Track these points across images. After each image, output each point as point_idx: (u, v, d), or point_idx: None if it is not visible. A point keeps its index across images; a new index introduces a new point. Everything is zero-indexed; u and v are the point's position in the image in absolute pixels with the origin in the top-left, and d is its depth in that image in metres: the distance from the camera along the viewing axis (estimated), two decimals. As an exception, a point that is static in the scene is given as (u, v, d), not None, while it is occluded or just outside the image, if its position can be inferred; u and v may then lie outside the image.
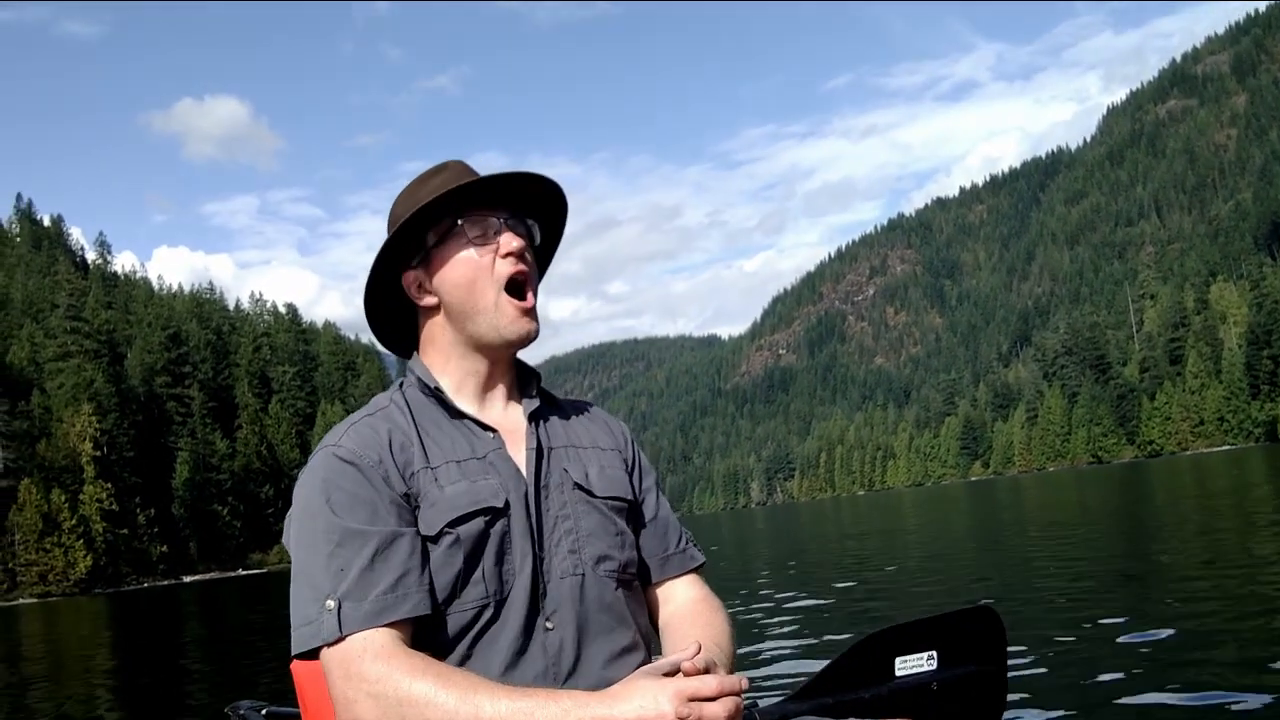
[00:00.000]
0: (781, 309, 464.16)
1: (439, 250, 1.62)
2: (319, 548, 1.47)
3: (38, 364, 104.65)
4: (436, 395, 1.63)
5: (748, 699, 1.43)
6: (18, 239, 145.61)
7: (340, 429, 1.58)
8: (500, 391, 1.69)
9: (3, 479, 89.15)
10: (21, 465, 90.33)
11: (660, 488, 1.82)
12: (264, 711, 2.08)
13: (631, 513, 1.70)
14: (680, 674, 1.37)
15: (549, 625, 1.53)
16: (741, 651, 7.07)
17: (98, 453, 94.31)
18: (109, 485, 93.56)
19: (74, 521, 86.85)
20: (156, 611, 28.37)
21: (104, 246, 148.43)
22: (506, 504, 1.55)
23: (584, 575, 1.58)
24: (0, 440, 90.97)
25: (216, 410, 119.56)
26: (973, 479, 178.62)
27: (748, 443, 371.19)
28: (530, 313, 1.62)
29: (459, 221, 1.60)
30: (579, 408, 1.81)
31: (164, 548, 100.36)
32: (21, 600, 79.63)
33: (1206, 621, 6.08)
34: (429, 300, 1.64)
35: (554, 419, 1.71)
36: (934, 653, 1.54)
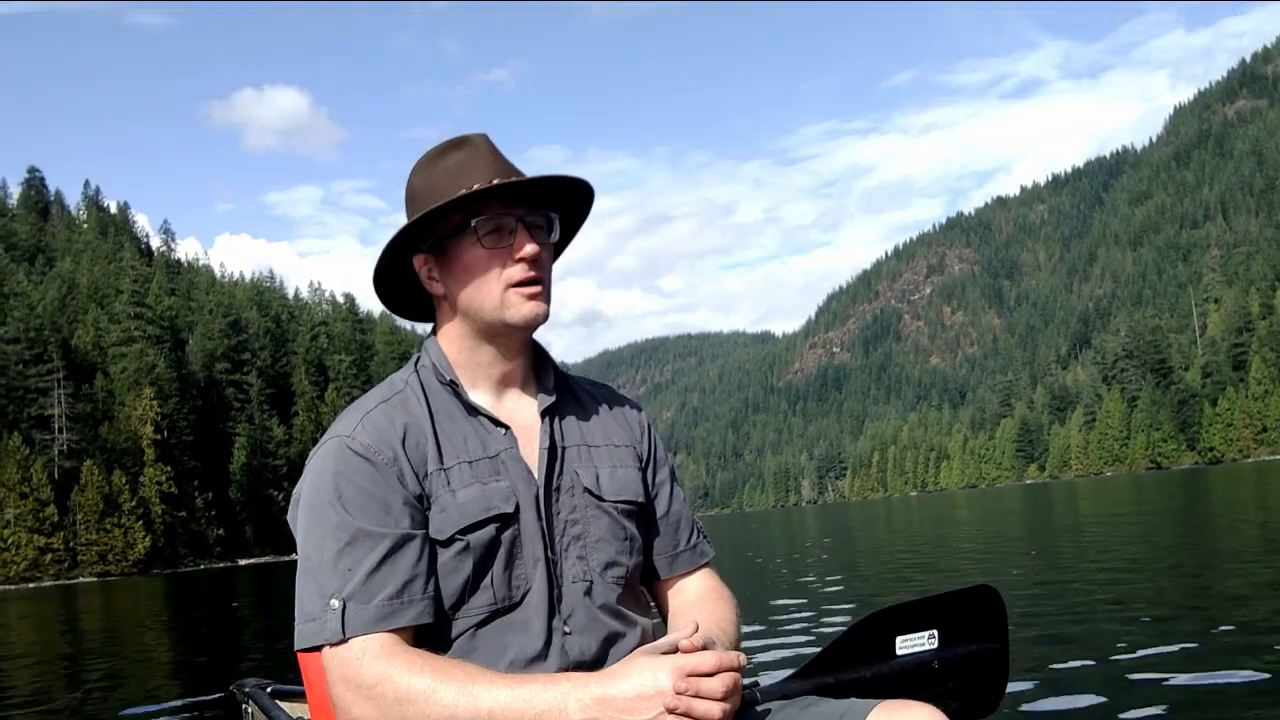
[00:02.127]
0: (837, 306, 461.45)
1: (451, 242, 1.57)
2: (328, 544, 1.46)
3: (102, 348, 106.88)
4: (452, 387, 1.61)
5: (750, 679, 1.44)
6: (85, 225, 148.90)
7: (354, 416, 1.55)
8: (515, 382, 1.65)
9: (66, 460, 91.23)
10: (84, 447, 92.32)
11: (675, 479, 1.79)
12: (269, 690, 2.08)
13: (641, 512, 1.69)
14: (679, 652, 1.38)
15: (567, 630, 1.53)
16: (758, 636, 7.05)
17: (158, 436, 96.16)
18: (168, 468, 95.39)
19: (134, 503, 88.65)
20: (209, 591, 28.86)
21: (168, 234, 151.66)
22: (517, 508, 1.53)
23: (592, 581, 1.57)
24: (64, 422, 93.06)
25: (274, 397, 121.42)
26: (1028, 482, 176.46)
27: (800, 440, 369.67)
28: (539, 295, 1.57)
29: (472, 222, 1.54)
30: (595, 397, 1.76)
31: (220, 531, 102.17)
32: (82, 578, 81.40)
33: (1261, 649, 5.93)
34: (438, 289, 1.61)
35: (569, 414, 1.68)
36: (935, 631, 1.55)
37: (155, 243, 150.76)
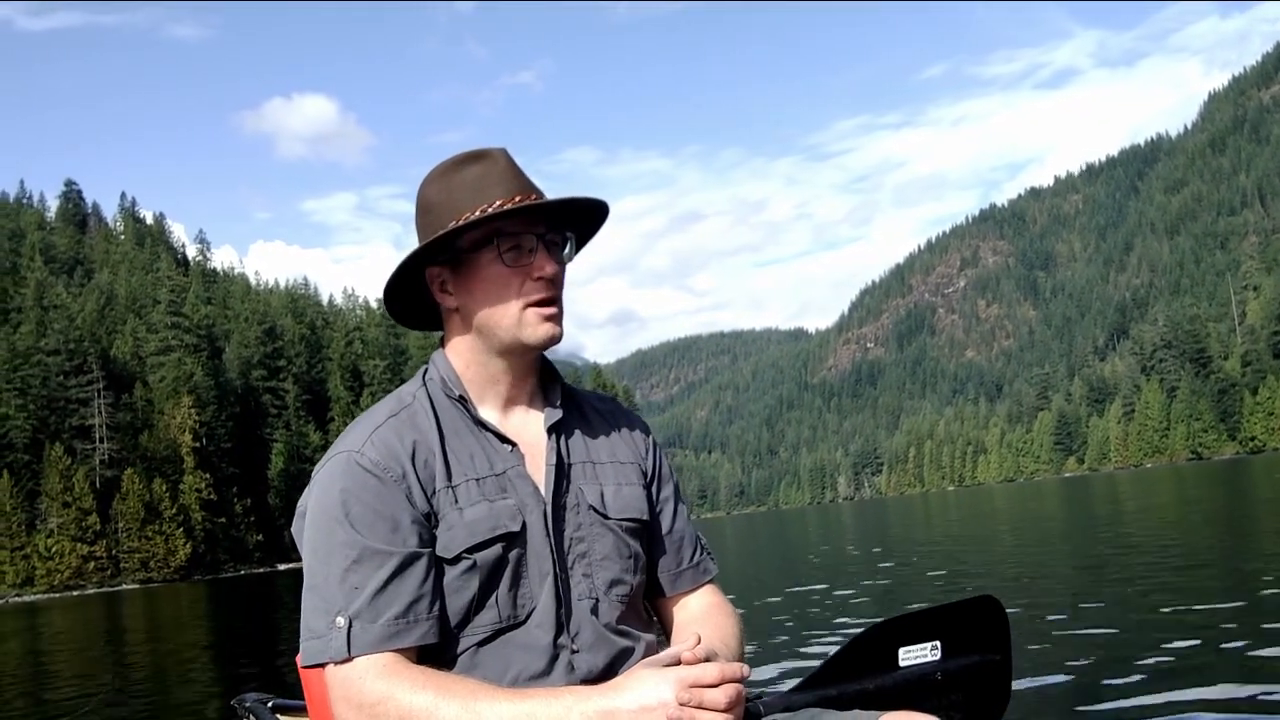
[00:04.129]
0: (870, 302, 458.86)
1: (470, 257, 1.57)
2: (334, 561, 1.45)
3: (140, 358, 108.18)
4: (460, 402, 1.60)
5: (754, 690, 1.43)
6: (122, 237, 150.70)
7: (363, 430, 1.55)
8: (523, 398, 1.66)
9: (107, 469, 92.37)
10: (125, 456, 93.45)
11: (679, 496, 1.79)
12: (270, 704, 2.08)
13: (645, 529, 1.69)
14: (681, 664, 1.38)
15: (575, 648, 1.53)
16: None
17: (197, 444, 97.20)
18: (208, 475, 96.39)
19: (174, 510, 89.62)
20: (249, 597, 29.12)
21: (203, 243, 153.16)
22: (524, 526, 1.53)
23: (598, 599, 1.57)
24: (105, 432, 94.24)
25: (310, 403, 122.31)
26: (1066, 475, 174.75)
27: (835, 437, 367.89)
28: (554, 318, 1.58)
29: (495, 239, 1.54)
30: (602, 412, 1.76)
31: (260, 536, 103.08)
32: (125, 586, 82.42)
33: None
34: (451, 302, 1.61)
35: (575, 430, 1.68)
36: (937, 643, 1.54)
37: (191, 252, 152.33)
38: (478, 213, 1.53)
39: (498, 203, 1.53)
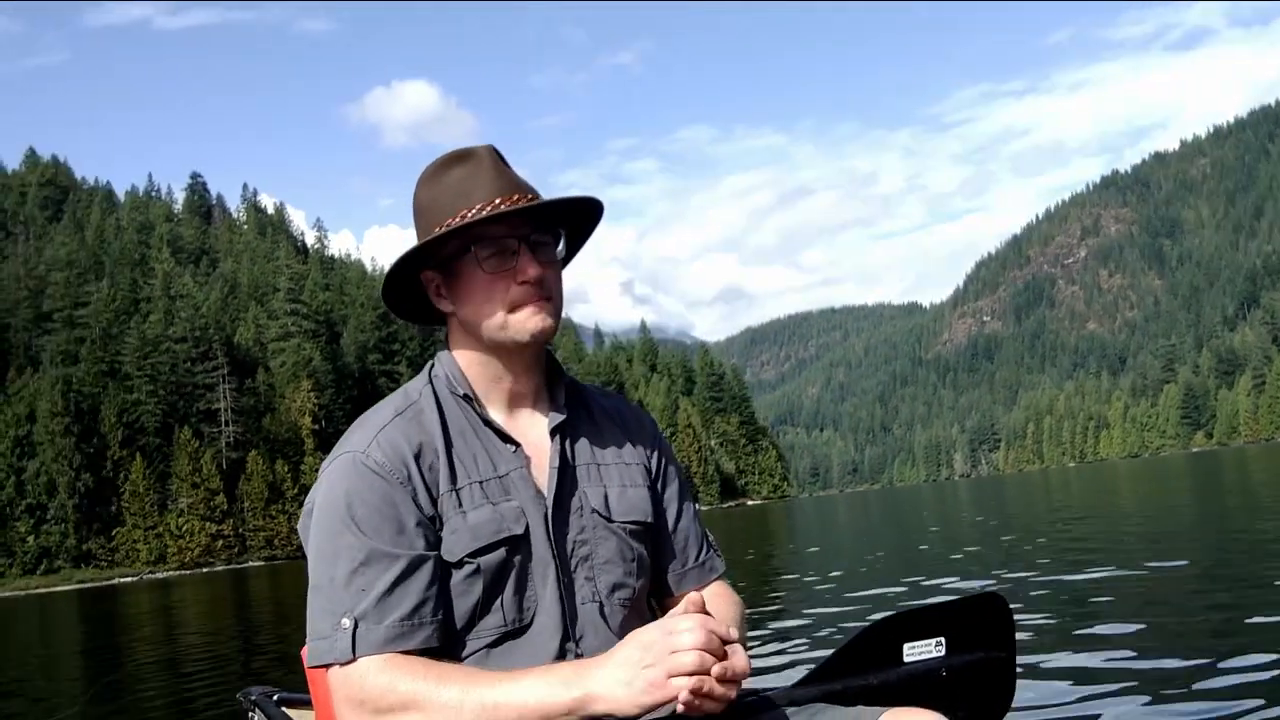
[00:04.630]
0: (986, 274, 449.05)
1: (456, 263, 1.55)
2: (340, 563, 1.45)
3: (262, 344, 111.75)
4: (465, 400, 1.60)
5: (757, 685, 1.43)
6: (245, 226, 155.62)
7: (368, 430, 1.54)
8: (526, 398, 1.64)
9: (233, 451, 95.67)
10: (249, 438, 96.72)
11: (686, 494, 1.78)
12: (275, 698, 2.06)
13: (649, 531, 1.67)
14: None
15: (580, 652, 1.52)
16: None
17: (316, 426, 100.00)
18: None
19: (296, 490, 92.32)
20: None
21: (321, 230, 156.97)
22: (527, 529, 1.53)
23: (600, 604, 1.57)
24: (230, 415, 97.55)
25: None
26: (1194, 450, 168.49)
27: (950, 413, 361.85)
28: (543, 311, 1.56)
29: (472, 247, 1.53)
30: (608, 411, 1.74)
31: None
32: (250, 563, 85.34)
33: None
34: (446, 306, 1.60)
35: (580, 431, 1.66)
36: (942, 639, 1.54)
37: (309, 239, 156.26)
38: (458, 219, 1.52)
39: (476, 207, 1.52)
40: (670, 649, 1.30)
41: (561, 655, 1.51)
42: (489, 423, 1.59)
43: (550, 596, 1.53)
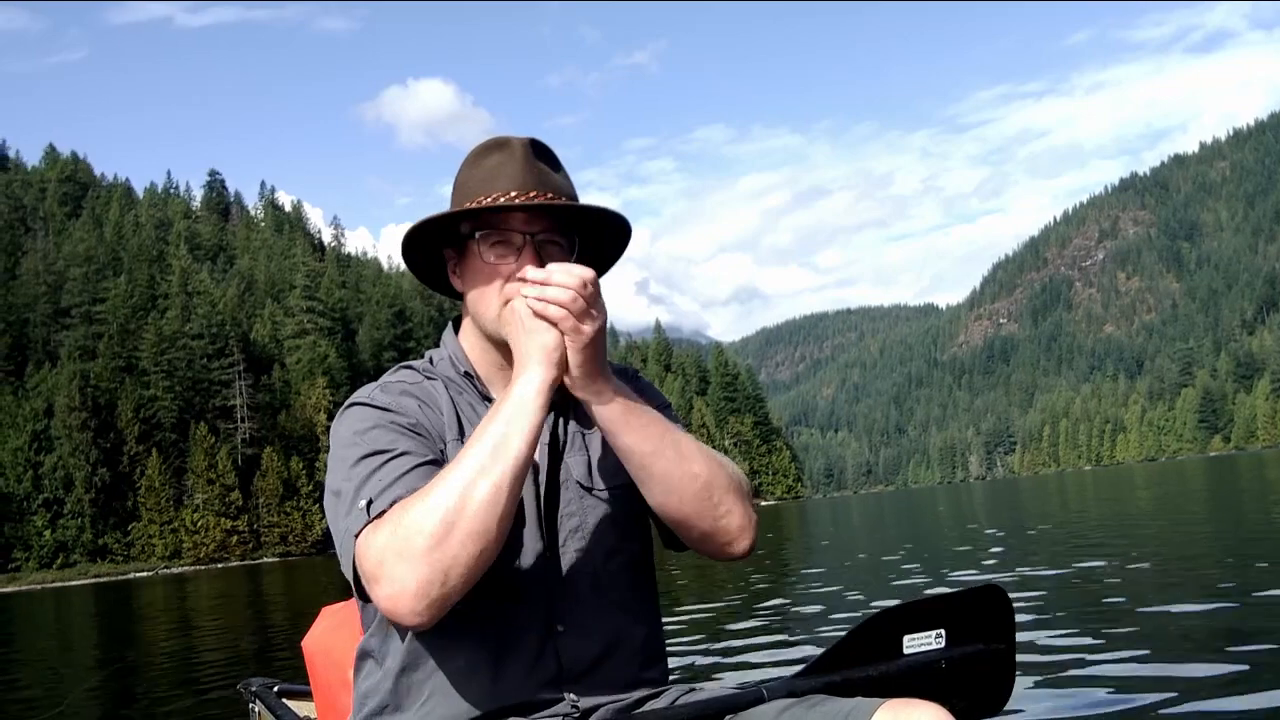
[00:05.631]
0: (1003, 276, 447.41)
1: (466, 246, 1.57)
2: (356, 472, 1.45)
3: (278, 341, 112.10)
4: (467, 378, 1.61)
5: (757, 677, 1.40)
6: (262, 224, 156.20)
7: (370, 387, 1.58)
8: None
9: (248, 447, 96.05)
10: (264, 435, 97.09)
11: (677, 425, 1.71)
12: (275, 689, 2.06)
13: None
14: None
15: (560, 628, 1.51)
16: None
17: (330, 423, 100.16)
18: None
19: (310, 487, 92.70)
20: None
21: (338, 228, 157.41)
22: (521, 502, 1.50)
23: (595, 573, 1.56)
24: (246, 412, 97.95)
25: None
26: (1211, 454, 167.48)
27: (965, 415, 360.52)
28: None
29: (476, 234, 1.53)
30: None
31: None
32: (265, 559, 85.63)
33: None
34: (458, 284, 1.62)
35: (577, 406, 1.60)
36: (942, 631, 1.54)
37: (326, 237, 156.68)
38: (476, 203, 1.53)
39: (495, 195, 1.52)
40: (525, 310, 1.41)
41: (543, 632, 1.51)
42: (489, 400, 1.60)
43: (539, 568, 1.52)
